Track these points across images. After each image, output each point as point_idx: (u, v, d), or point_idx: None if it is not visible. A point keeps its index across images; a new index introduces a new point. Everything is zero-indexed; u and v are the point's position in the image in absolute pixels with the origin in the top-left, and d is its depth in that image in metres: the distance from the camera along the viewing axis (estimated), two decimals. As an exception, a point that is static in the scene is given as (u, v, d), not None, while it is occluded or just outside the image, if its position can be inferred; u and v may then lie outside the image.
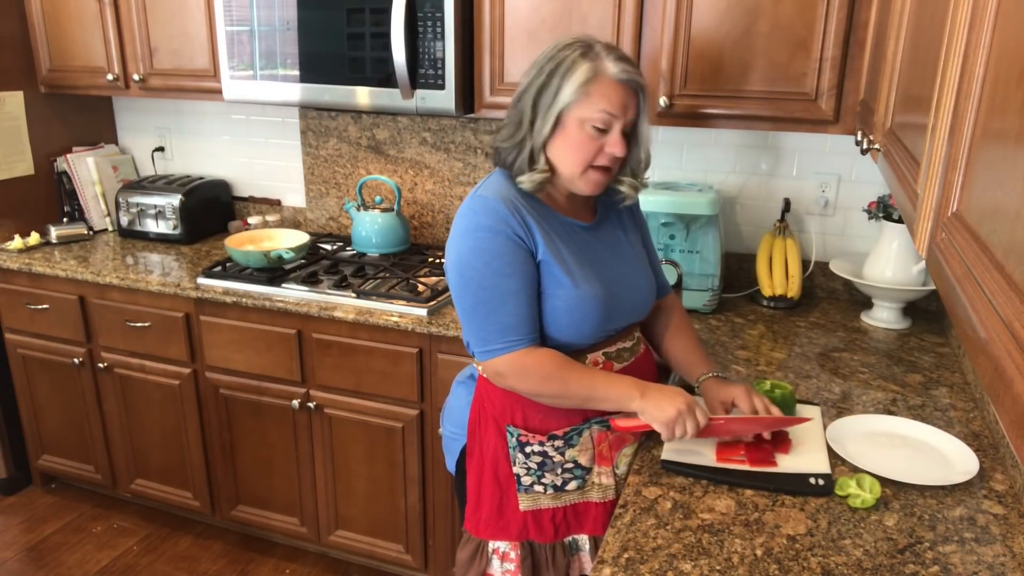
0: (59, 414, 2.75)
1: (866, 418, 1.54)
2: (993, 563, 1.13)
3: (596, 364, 1.45)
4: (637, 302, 1.51)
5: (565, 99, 1.32)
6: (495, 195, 1.36)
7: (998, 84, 0.67)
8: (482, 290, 1.34)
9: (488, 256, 1.33)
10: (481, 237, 1.33)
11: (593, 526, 1.50)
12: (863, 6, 1.79)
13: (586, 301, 1.38)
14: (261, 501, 2.52)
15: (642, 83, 1.36)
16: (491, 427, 1.47)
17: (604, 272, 1.44)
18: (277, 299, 2.23)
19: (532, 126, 1.35)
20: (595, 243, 1.46)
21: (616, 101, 1.32)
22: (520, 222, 1.34)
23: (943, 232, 0.81)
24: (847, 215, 2.26)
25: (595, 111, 1.32)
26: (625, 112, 1.34)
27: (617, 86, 1.32)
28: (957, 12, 0.83)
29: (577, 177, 1.37)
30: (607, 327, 1.44)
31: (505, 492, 1.47)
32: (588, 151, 1.34)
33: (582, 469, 1.47)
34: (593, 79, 1.31)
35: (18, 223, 2.79)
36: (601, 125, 1.33)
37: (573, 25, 2.01)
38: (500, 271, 1.33)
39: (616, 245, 1.50)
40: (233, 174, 2.98)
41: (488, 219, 1.34)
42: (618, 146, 1.34)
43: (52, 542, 2.67)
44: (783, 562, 1.14)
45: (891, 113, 1.32)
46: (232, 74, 2.37)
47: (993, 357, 0.57)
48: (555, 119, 1.33)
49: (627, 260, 1.51)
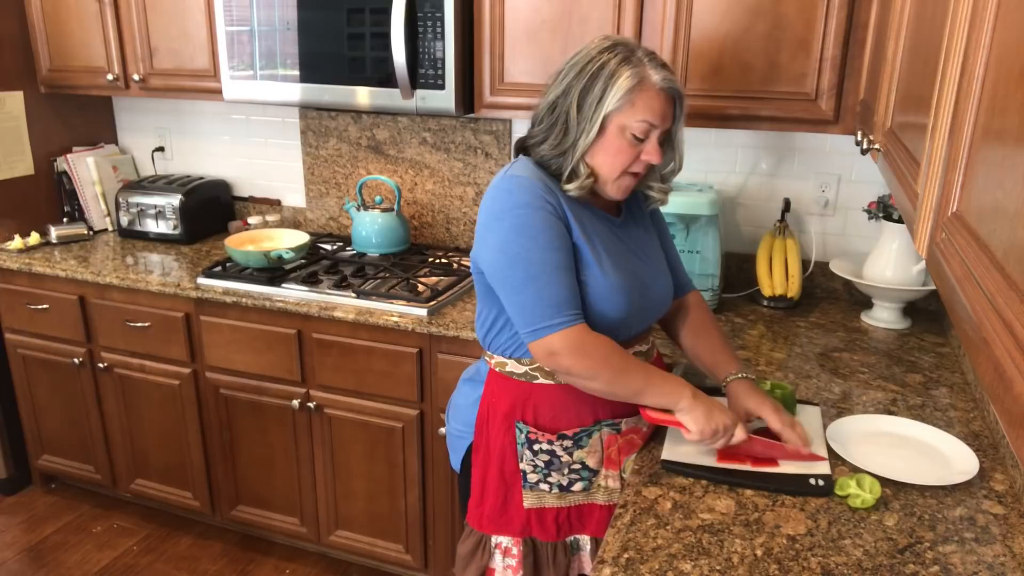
0: (59, 414, 2.75)
1: (866, 418, 1.54)
2: (993, 563, 1.13)
3: None
4: (657, 301, 1.51)
5: (610, 105, 1.31)
6: (531, 175, 1.35)
7: (998, 84, 0.67)
8: (531, 265, 1.30)
9: (534, 231, 1.31)
10: (521, 214, 1.31)
11: (596, 527, 1.49)
12: (863, 6, 1.79)
13: (615, 290, 1.37)
14: (261, 501, 2.52)
15: (681, 91, 1.36)
16: (500, 423, 1.46)
17: (631, 267, 1.43)
18: (277, 299, 2.23)
19: (578, 130, 1.34)
20: (624, 238, 1.46)
21: (658, 110, 1.32)
22: (555, 201, 1.34)
23: (943, 232, 0.81)
24: (847, 215, 2.26)
25: (637, 119, 1.31)
26: (664, 121, 1.34)
27: (660, 95, 1.32)
28: (957, 12, 0.83)
29: (611, 182, 1.37)
30: (629, 324, 1.43)
31: (510, 488, 1.47)
32: (626, 158, 1.34)
33: (589, 471, 1.46)
34: (638, 87, 1.30)
35: (18, 223, 2.78)
36: (640, 135, 1.33)
37: (573, 25, 2.01)
38: (548, 245, 1.31)
39: (641, 244, 1.50)
40: (233, 174, 2.98)
41: (526, 196, 1.32)
42: (655, 155, 1.34)
43: (52, 542, 2.67)
44: (783, 562, 1.14)
45: (891, 113, 1.32)
46: (232, 74, 2.37)
47: (993, 357, 0.57)
48: (600, 125, 1.32)
49: (650, 260, 1.50)
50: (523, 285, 1.31)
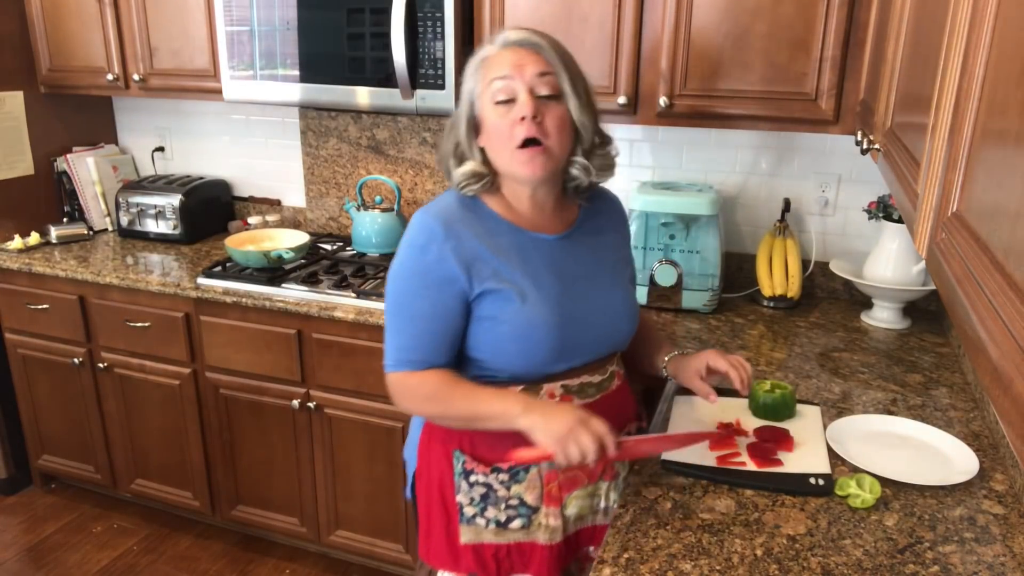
0: (59, 414, 2.75)
1: (866, 418, 1.54)
2: (993, 563, 1.13)
3: (552, 397, 1.34)
4: (610, 329, 1.39)
5: (469, 89, 1.30)
6: (437, 214, 1.30)
7: (998, 84, 0.67)
8: (395, 305, 1.31)
9: (409, 274, 1.29)
10: (404, 255, 1.30)
11: (539, 568, 1.36)
12: (863, 6, 1.79)
13: (536, 327, 1.28)
14: (261, 501, 2.52)
15: (538, 41, 1.27)
16: (439, 450, 1.39)
17: (571, 292, 1.33)
18: (277, 299, 2.23)
19: (456, 131, 1.33)
20: (565, 258, 1.35)
21: (511, 61, 1.25)
22: (456, 247, 1.26)
23: (943, 232, 0.81)
24: (847, 215, 2.26)
25: (490, 85, 1.26)
26: (522, 71, 1.24)
27: (505, 52, 1.27)
28: (957, 12, 0.83)
29: (511, 164, 1.27)
30: (567, 356, 1.33)
31: (451, 521, 1.38)
32: (503, 128, 1.25)
33: (528, 508, 1.35)
34: (485, 58, 1.29)
35: (18, 223, 2.78)
36: (503, 96, 1.25)
37: (573, 25, 2.01)
38: (414, 292, 1.28)
39: (594, 263, 1.39)
40: (233, 174, 2.98)
41: (420, 237, 1.28)
42: (527, 105, 1.23)
43: (52, 542, 2.67)
44: (783, 562, 1.14)
45: (891, 113, 1.32)
46: (232, 74, 2.37)
47: (993, 357, 0.57)
48: (468, 114, 1.30)
49: (603, 282, 1.39)
50: (387, 321, 1.33)
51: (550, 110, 1.26)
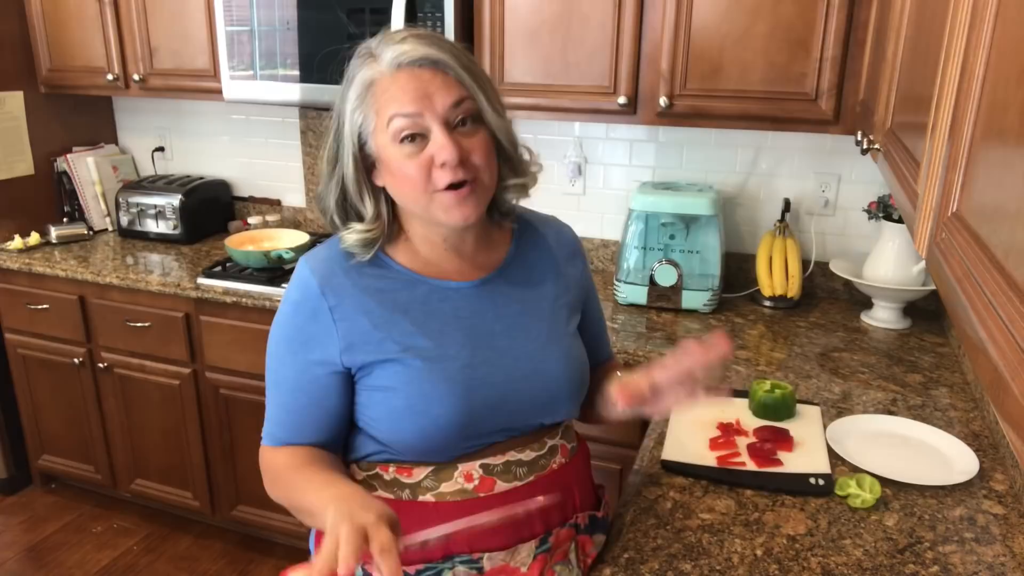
0: (59, 414, 2.75)
1: (866, 418, 1.54)
2: (993, 563, 1.13)
3: (470, 480, 1.07)
4: (542, 396, 1.10)
5: (355, 122, 1.02)
6: (318, 264, 1.08)
7: (998, 84, 0.67)
8: (266, 367, 1.13)
9: (278, 335, 1.11)
10: (282, 310, 1.11)
11: None
12: (863, 6, 1.79)
13: (434, 400, 1.03)
14: (261, 501, 2.52)
15: (441, 57, 0.99)
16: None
17: (484, 353, 1.07)
18: (277, 299, 2.23)
19: (339, 164, 1.05)
20: (483, 310, 1.09)
21: (407, 95, 0.98)
22: (336, 307, 1.05)
23: (943, 232, 0.81)
24: (847, 215, 2.26)
25: (390, 124, 0.99)
26: (430, 103, 0.98)
27: (400, 75, 0.99)
28: (957, 12, 0.83)
29: (429, 209, 1.02)
30: (479, 432, 1.06)
31: None
32: (416, 171, 0.99)
33: None
34: (372, 83, 1.00)
35: (18, 223, 2.78)
36: (409, 132, 0.98)
37: (573, 25, 2.01)
38: (280, 356, 1.10)
39: (519, 314, 1.11)
40: (233, 174, 2.98)
41: (295, 292, 1.09)
42: (447, 148, 0.97)
43: (52, 542, 2.67)
44: (783, 562, 1.14)
45: (891, 113, 1.32)
46: (232, 74, 2.37)
47: (993, 357, 0.57)
48: (355, 152, 1.03)
49: (532, 337, 1.11)
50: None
51: (472, 140, 1.01)
